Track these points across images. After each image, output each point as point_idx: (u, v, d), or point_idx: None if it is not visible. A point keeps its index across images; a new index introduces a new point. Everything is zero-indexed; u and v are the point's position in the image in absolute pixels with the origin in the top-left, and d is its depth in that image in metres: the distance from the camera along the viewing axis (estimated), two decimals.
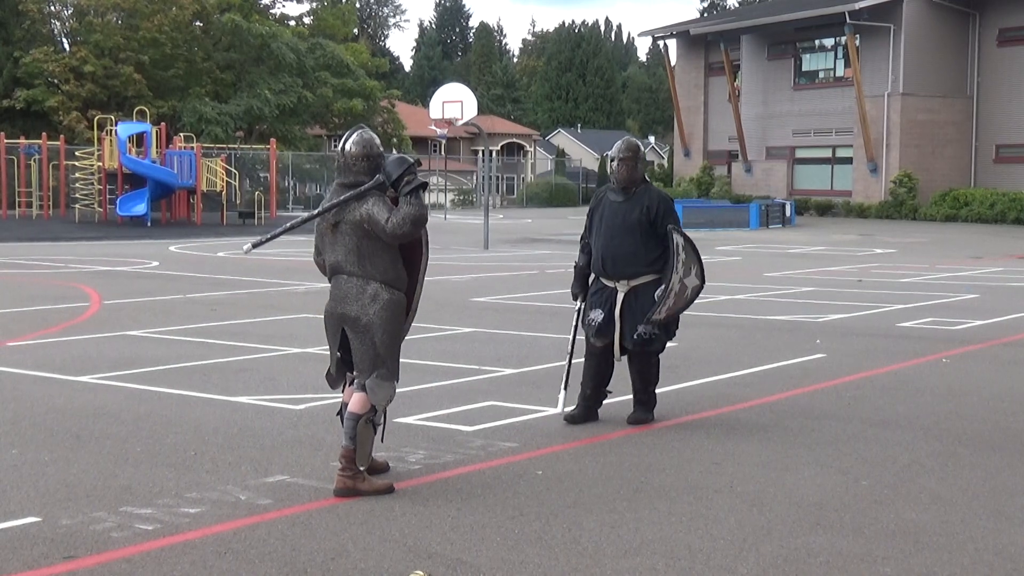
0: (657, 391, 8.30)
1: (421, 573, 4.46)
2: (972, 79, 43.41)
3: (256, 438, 6.76)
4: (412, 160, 5.79)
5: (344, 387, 5.97)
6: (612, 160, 7.28)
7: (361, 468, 5.64)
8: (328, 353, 5.98)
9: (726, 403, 7.95)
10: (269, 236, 6.08)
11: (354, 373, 5.78)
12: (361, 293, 5.67)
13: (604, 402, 7.38)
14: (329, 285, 5.86)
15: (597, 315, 7.24)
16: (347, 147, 5.72)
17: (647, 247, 7.18)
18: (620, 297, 7.19)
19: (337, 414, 6.07)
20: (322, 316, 5.97)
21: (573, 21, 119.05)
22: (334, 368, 5.92)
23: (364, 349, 5.67)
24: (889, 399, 8.12)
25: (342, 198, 5.67)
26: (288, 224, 5.98)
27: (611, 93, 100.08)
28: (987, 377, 9.12)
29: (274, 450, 6.46)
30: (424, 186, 5.72)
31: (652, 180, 9.33)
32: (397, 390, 5.87)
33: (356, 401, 5.68)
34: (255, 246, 6.01)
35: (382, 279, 5.69)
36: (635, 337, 7.14)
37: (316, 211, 5.85)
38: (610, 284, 7.26)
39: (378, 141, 5.82)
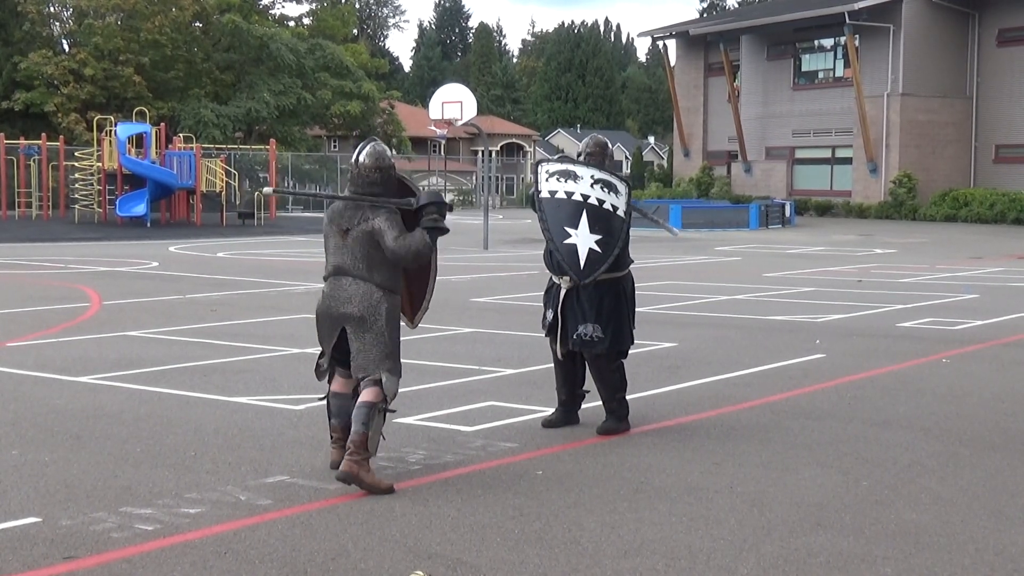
0: (656, 392, 8.30)
1: (421, 573, 4.46)
2: (972, 79, 43.43)
3: (256, 439, 6.76)
4: (448, 202, 6.00)
5: (331, 378, 6.10)
6: (579, 155, 7.16)
7: (371, 455, 5.71)
8: (318, 349, 6.11)
9: (726, 403, 7.94)
10: (289, 191, 6.38)
11: (356, 372, 5.85)
12: (367, 296, 5.83)
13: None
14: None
15: (549, 315, 7.09)
16: (361, 159, 5.92)
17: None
18: (562, 294, 6.98)
19: (322, 399, 6.18)
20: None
21: (572, 21, 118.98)
22: (326, 362, 6.08)
23: (370, 346, 5.81)
24: (889, 399, 8.12)
25: (368, 198, 5.84)
26: (310, 191, 6.21)
27: (611, 93, 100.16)
28: (987, 377, 9.11)
29: (274, 450, 6.46)
30: (443, 231, 5.89)
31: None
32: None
33: (370, 393, 5.78)
34: (274, 192, 7.28)
35: (386, 286, 5.87)
36: (574, 338, 6.92)
37: (341, 195, 6.08)
38: (557, 281, 7.06)
39: (389, 153, 6.03)
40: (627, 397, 7.14)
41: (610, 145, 7.31)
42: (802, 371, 9.32)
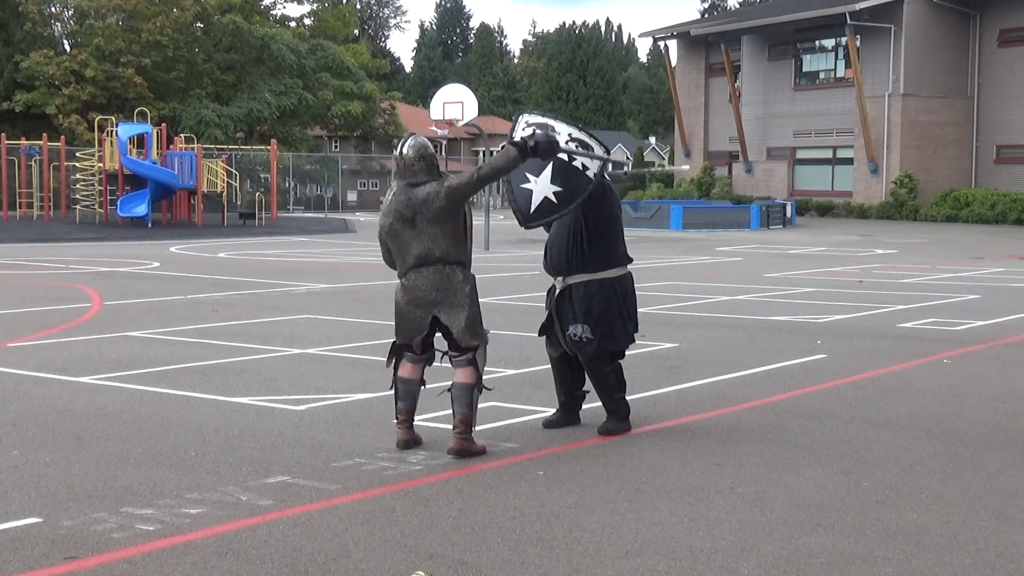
0: (657, 392, 8.29)
1: (422, 574, 4.46)
2: (973, 80, 43.42)
3: (257, 439, 6.76)
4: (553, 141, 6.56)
5: (397, 364, 6.55)
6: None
7: (474, 430, 6.40)
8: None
9: (727, 404, 7.94)
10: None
11: (454, 349, 6.46)
12: (450, 280, 6.35)
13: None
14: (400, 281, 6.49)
15: (545, 316, 7.10)
16: (404, 151, 6.36)
17: (586, 242, 6.82)
18: (556, 295, 6.96)
19: (392, 388, 6.60)
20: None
21: (574, 22, 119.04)
22: (405, 338, 6.47)
23: (463, 325, 6.37)
24: (890, 400, 8.12)
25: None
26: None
27: (612, 94, 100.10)
28: (988, 378, 9.11)
29: (275, 451, 6.46)
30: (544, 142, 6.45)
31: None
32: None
33: (466, 374, 6.40)
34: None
35: (462, 261, 6.38)
36: (566, 337, 6.89)
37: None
38: (552, 281, 7.05)
39: (430, 143, 6.47)
40: (628, 397, 7.13)
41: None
42: (803, 371, 9.31)
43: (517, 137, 6.74)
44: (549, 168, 6.76)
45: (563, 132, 6.85)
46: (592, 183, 6.80)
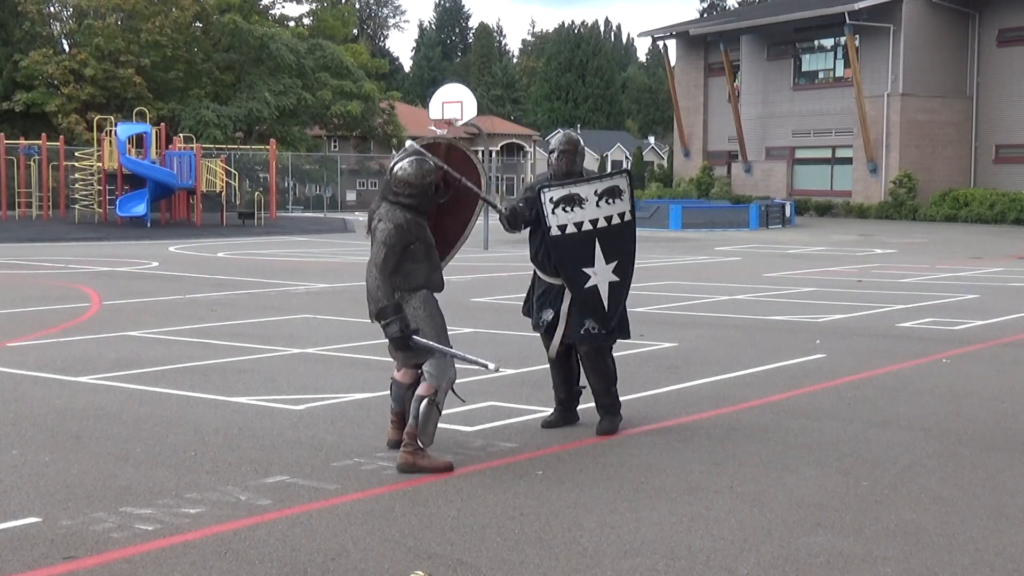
0: (656, 392, 8.30)
1: (421, 573, 4.46)
2: (972, 79, 43.41)
3: (256, 439, 6.76)
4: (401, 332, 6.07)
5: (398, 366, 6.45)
6: (552, 152, 7.09)
7: (424, 446, 5.99)
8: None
9: (726, 403, 7.94)
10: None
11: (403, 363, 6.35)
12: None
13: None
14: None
15: (547, 315, 7.03)
16: (395, 169, 6.22)
17: None
18: (567, 294, 6.95)
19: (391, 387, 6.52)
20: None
21: (573, 22, 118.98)
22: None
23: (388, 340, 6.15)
24: (889, 399, 8.12)
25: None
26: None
27: (611, 93, 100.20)
28: (987, 377, 9.11)
29: (274, 451, 6.46)
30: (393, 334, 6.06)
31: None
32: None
33: (422, 387, 6.13)
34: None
35: (401, 287, 6.22)
36: (582, 333, 6.90)
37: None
38: (555, 281, 7.01)
39: (427, 173, 6.24)
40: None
41: (581, 141, 7.29)
42: (802, 371, 9.31)
43: (549, 217, 6.77)
44: (598, 249, 6.84)
45: (589, 196, 6.84)
46: (633, 221, 6.97)
